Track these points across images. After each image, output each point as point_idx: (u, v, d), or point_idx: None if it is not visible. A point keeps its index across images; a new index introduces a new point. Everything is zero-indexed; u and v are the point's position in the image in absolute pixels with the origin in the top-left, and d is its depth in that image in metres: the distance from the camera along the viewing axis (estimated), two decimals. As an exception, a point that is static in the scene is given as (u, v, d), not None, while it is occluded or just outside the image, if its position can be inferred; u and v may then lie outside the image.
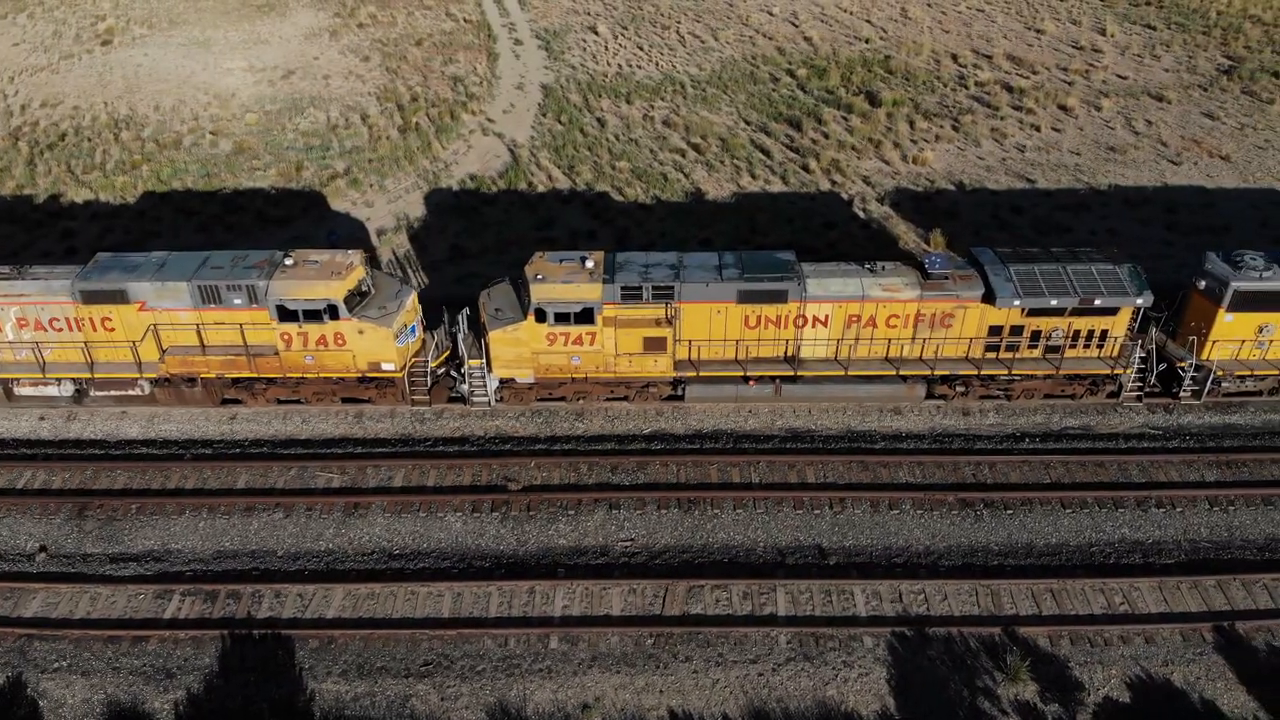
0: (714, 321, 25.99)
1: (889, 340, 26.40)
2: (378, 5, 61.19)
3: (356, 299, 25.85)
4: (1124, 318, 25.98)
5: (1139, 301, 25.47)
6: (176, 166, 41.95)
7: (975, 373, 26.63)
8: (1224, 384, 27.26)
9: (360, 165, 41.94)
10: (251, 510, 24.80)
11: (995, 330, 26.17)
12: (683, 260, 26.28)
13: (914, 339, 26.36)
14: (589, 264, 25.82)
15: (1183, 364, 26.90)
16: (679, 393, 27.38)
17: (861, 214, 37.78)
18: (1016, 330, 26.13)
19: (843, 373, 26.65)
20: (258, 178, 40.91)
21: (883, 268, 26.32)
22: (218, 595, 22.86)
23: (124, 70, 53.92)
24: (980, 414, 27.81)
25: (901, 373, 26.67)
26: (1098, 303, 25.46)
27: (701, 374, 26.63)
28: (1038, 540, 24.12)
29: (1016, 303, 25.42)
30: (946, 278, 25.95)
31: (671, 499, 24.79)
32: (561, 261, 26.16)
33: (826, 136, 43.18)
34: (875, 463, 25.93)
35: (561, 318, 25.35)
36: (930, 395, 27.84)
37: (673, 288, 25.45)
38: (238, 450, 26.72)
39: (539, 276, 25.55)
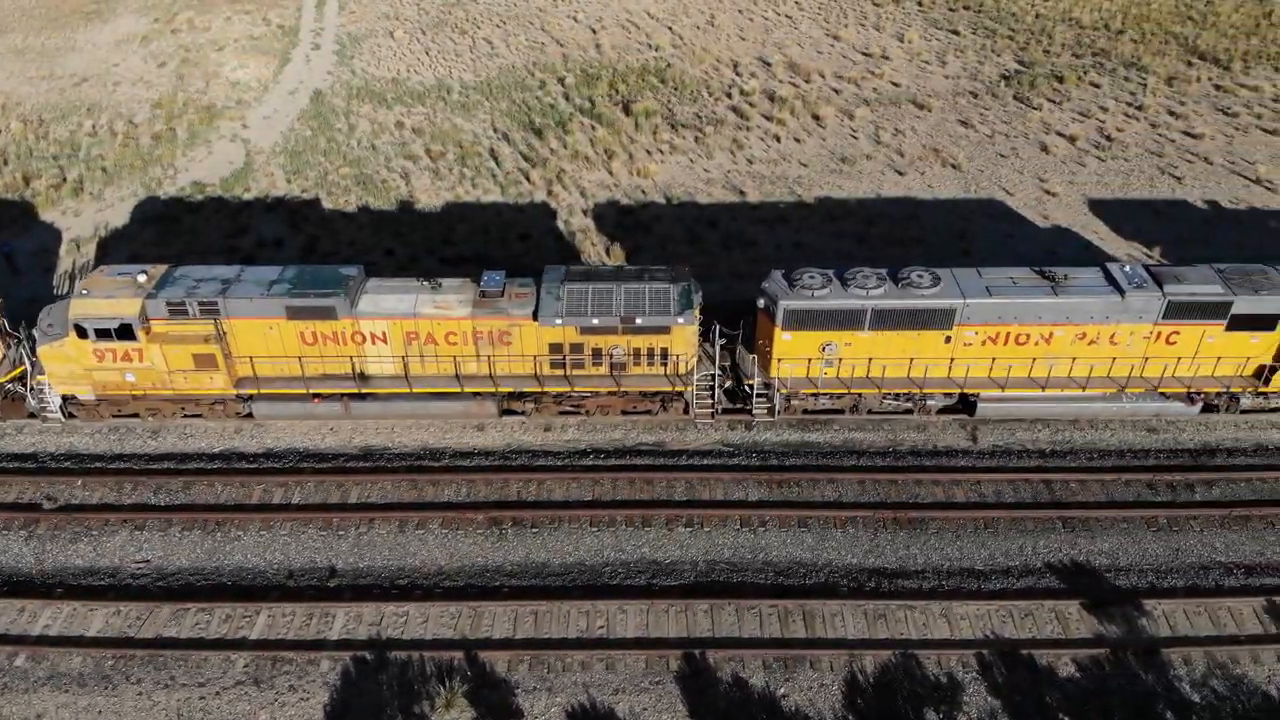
0: (269, 338, 25.78)
1: (455, 357, 26.11)
2: (198, 11, 61.19)
3: (-89, 314, 25.74)
4: (680, 336, 25.63)
5: (679, 321, 25.13)
6: (-91, 177, 41.97)
7: (539, 389, 26.31)
8: (794, 401, 26.86)
9: (93, 173, 41.88)
10: None
11: (557, 348, 25.85)
12: (240, 275, 26.08)
13: (478, 356, 26.07)
14: (141, 279, 25.66)
15: (750, 381, 26.53)
16: (250, 410, 27.19)
17: (563, 226, 37.48)
18: (576, 348, 25.84)
19: (408, 390, 26.36)
20: (-22, 187, 40.92)
21: (440, 284, 26.06)
22: None
23: (-70, 80, 54.01)
24: (561, 429, 27.52)
25: (466, 389, 26.39)
26: (639, 321, 25.15)
27: (264, 391, 26.39)
28: (554, 559, 23.85)
29: (558, 321, 25.15)
30: (501, 295, 25.68)
31: (196, 520, 24.58)
32: (119, 276, 25.99)
33: (566, 146, 42.89)
34: (427, 481, 25.68)
35: (103, 334, 25.18)
36: (510, 412, 27.56)
37: (217, 303, 25.24)
38: None
39: (84, 292, 25.42)
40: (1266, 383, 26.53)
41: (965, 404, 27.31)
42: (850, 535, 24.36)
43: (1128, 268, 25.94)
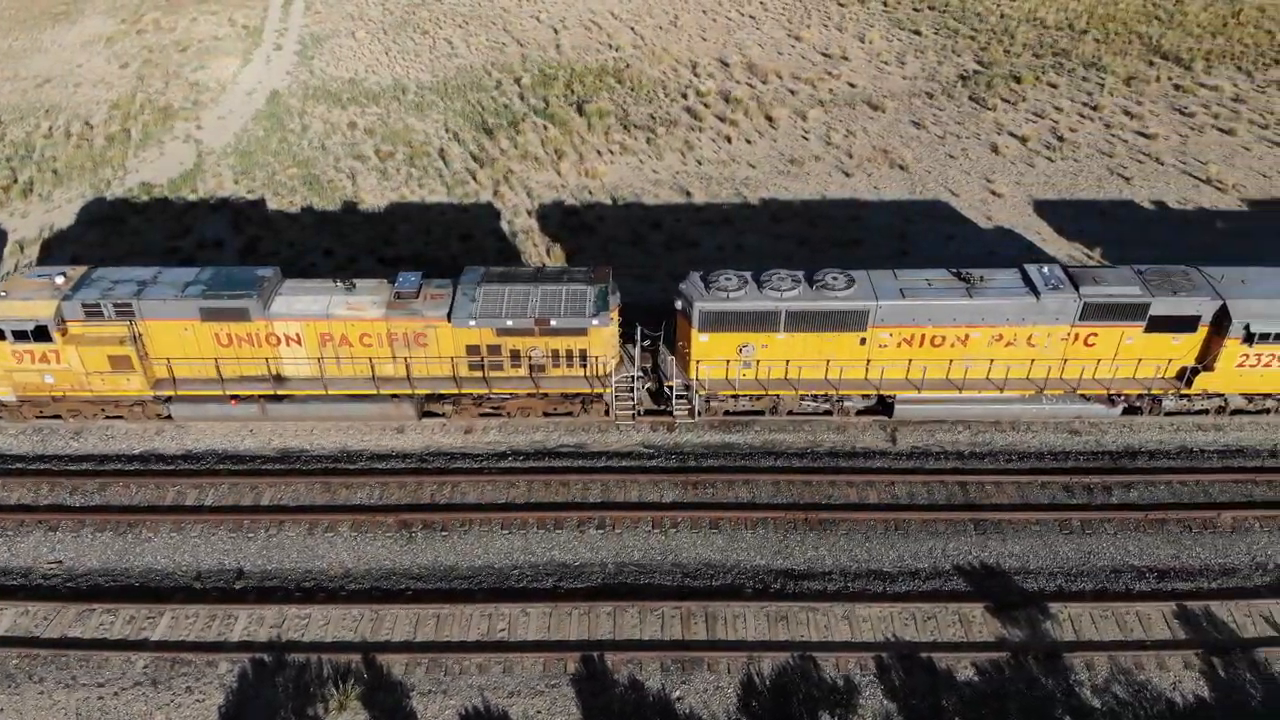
0: (185, 339, 25.78)
1: (370, 359, 26.07)
2: (165, 11, 61.21)
3: None
4: (598, 338, 25.58)
5: (594, 323, 25.09)
6: None
7: (457, 391, 26.29)
8: (713, 403, 26.83)
9: (44, 175, 41.90)
10: None
11: (474, 349, 25.83)
12: (157, 277, 26.08)
13: (394, 358, 26.04)
14: (59, 281, 25.68)
15: (670, 383, 26.50)
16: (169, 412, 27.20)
17: (506, 227, 37.45)
18: (494, 349, 25.82)
19: (324, 391, 26.35)
20: (-75, 188, 40.93)
21: (354, 285, 26.04)
22: None
23: (-107, 82, 54.02)
24: (483, 432, 27.49)
25: (383, 391, 26.37)
26: (553, 323, 25.12)
27: (181, 393, 26.39)
28: (462, 562, 23.83)
29: (472, 323, 25.13)
30: (416, 296, 25.65)
31: (109, 521, 24.59)
32: (38, 278, 26.02)
33: (516, 147, 42.84)
34: (340, 483, 25.65)
35: (20, 335, 25.19)
36: (430, 414, 27.55)
37: (131, 305, 25.25)
38: None
39: (2, 294, 25.42)
40: (1188, 385, 26.44)
41: (884, 405, 27.24)
42: (760, 536, 24.32)
43: (1045, 269, 25.86)
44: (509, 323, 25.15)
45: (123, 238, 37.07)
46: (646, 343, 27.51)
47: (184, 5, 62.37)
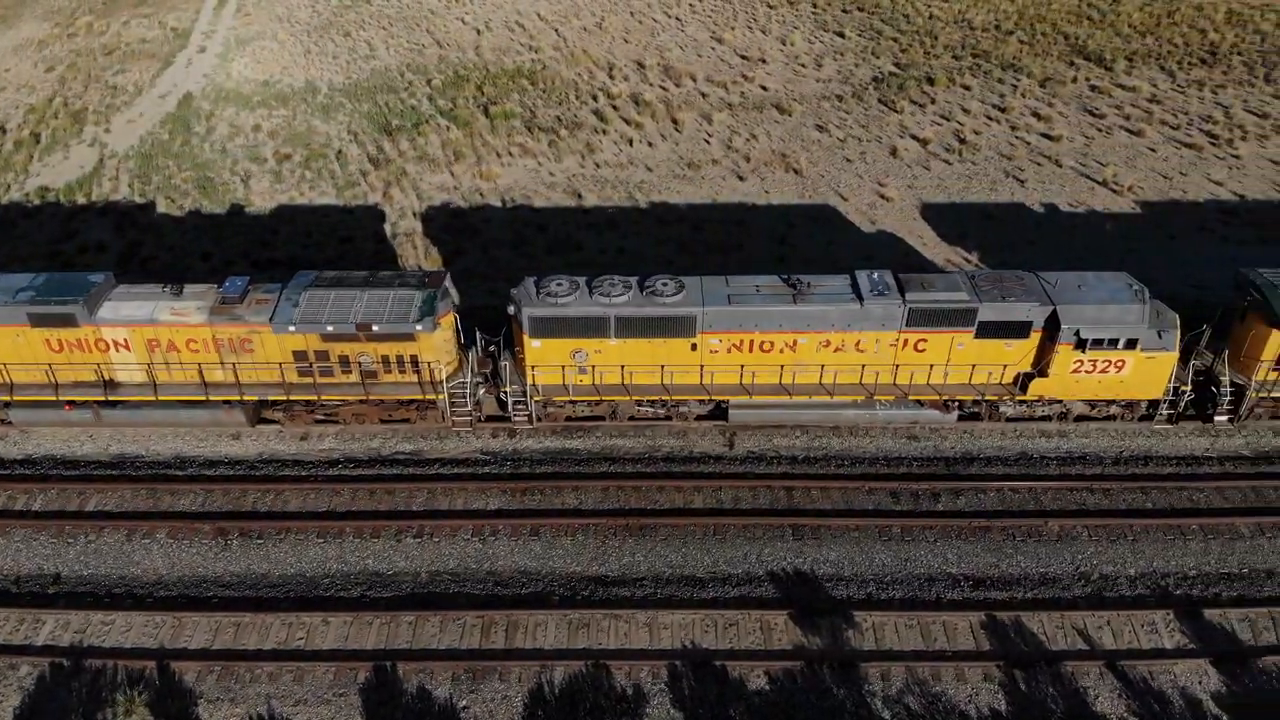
0: (18, 345, 25.83)
1: (200, 365, 26.07)
2: (98, 15, 61.33)
3: None
4: (427, 343, 25.55)
5: (418, 328, 25.05)
6: None
7: (286, 397, 26.27)
8: (550, 408, 26.80)
9: (-56, 179, 42.01)
10: None
11: (302, 355, 25.80)
12: (-4, 283, 26.14)
13: (222, 364, 26.03)
14: (-104, 287, 25.71)
15: (506, 389, 26.47)
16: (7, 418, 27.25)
17: (390, 229, 37.45)
18: (322, 355, 25.78)
19: (153, 397, 26.36)
20: None
21: (181, 290, 26.05)
22: None
23: None
24: (319, 438, 27.48)
25: (212, 397, 26.36)
26: (375, 328, 25.08)
27: (18, 398, 26.44)
28: (274, 571, 23.80)
29: (291, 328, 25.09)
30: (240, 301, 25.63)
31: (-69, 526, 24.64)
32: (-121, 285, 26.06)
33: (415, 148, 42.82)
34: (166, 490, 25.70)
35: None
36: (265, 420, 27.55)
37: (-39, 311, 25.29)
38: None
39: None
40: (1023, 390, 26.30)
41: (720, 411, 27.17)
42: (579, 543, 24.25)
43: (875, 275, 25.76)
44: (330, 328, 25.12)
45: (7, 242, 37.14)
46: (492, 348, 27.46)
47: (119, 9, 62.48)
